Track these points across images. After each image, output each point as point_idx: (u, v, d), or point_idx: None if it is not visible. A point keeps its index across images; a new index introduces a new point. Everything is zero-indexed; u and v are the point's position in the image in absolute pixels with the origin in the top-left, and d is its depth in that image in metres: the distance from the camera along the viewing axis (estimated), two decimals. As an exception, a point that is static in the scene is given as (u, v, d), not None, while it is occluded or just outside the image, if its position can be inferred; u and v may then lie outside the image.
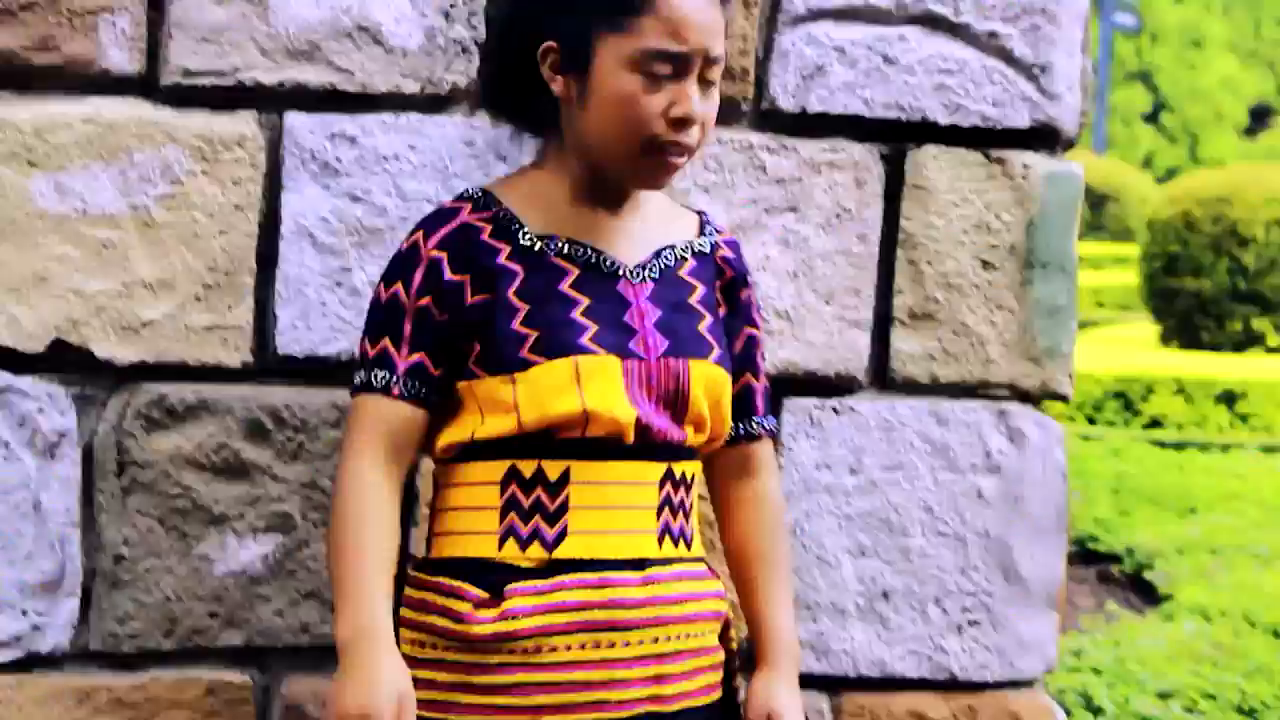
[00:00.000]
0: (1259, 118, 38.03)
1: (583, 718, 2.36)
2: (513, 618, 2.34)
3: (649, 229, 2.51)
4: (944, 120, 3.00)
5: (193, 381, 2.78)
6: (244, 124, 2.78)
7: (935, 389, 3.03)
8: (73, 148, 2.72)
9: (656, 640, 2.39)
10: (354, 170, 2.80)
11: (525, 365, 2.37)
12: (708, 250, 2.55)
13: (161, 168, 2.75)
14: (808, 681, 2.97)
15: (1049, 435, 3.07)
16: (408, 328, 2.41)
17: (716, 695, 2.51)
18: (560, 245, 2.43)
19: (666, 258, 2.50)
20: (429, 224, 2.45)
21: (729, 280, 2.57)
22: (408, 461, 2.47)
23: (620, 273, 2.45)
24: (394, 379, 2.41)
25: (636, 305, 2.44)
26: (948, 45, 3.00)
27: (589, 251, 2.44)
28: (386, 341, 2.42)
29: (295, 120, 2.79)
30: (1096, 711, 4.75)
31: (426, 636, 2.40)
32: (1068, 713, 4.60)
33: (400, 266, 2.43)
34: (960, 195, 3.02)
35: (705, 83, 2.38)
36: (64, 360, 2.74)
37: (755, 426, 2.61)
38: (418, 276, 2.41)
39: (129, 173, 2.74)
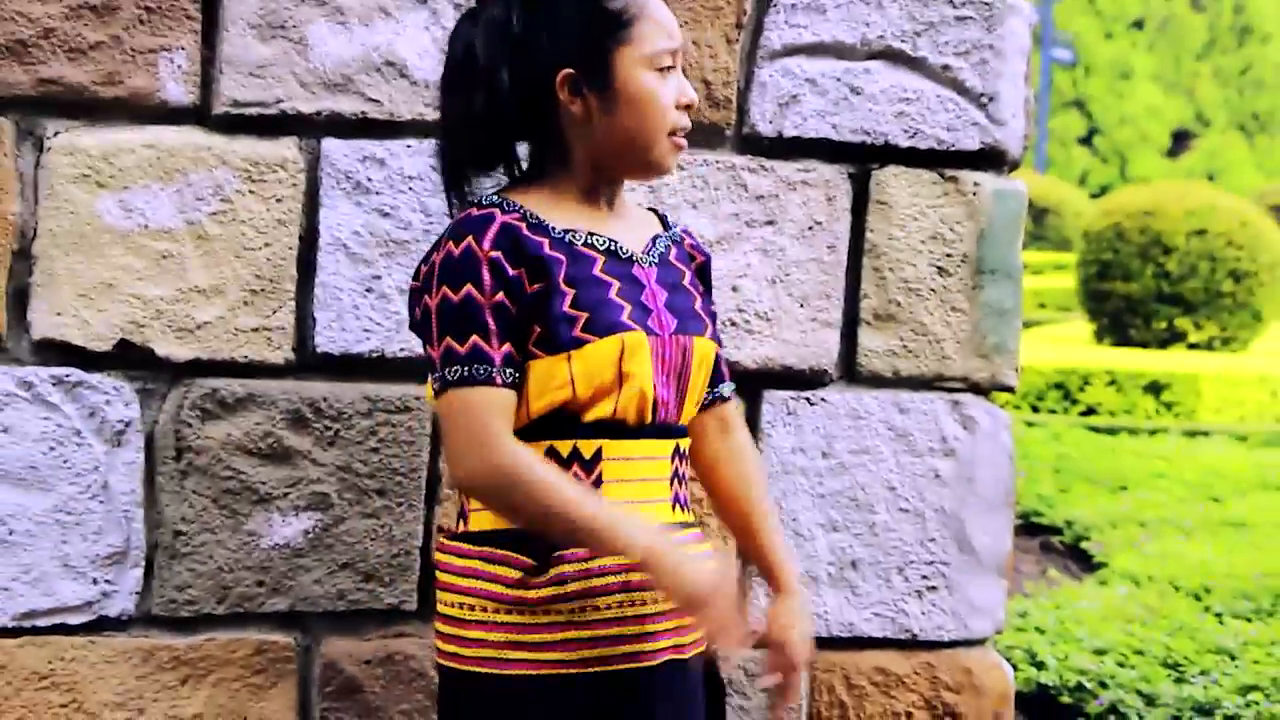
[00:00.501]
0: (1179, 140, 37.98)
1: (623, 668, 2.35)
2: (561, 582, 2.33)
3: (637, 224, 2.51)
4: (904, 143, 3.00)
5: (241, 377, 2.78)
6: (286, 149, 2.78)
7: (897, 382, 3.03)
8: (135, 170, 2.72)
9: None
10: (383, 189, 2.80)
11: (580, 344, 2.34)
12: (679, 239, 2.55)
13: (213, 187, 2.75)
14: (785, 640, 2.99)
15: (997, 422, 3.07)
16: (492, 322, 2.33)
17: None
18: (583, 236, 2.41)
19: (660, 245, 2.49)
20: (473, 229, 2.36)
21: (701, 264, 2.57)
22: None
23: (634, 258, 2.44)
24: (494, 369, 2.33)
25: (649, 287, 2.43)
26: (907, 77, 3.00)
27: (607, 240, 2.42)
28: (476, 338, 2.33)
29: (331, 145, 2.79)
30: (1040, 666, 4.75)
31: (476, 600, 2.36)
32: (1015, 668, 4.61)
33: (463, 269, 2.35)
34: (918, 210, 3.02)
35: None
36: (128, 358, 2.74)
37: (726, 389, 2.59)
38: (486, 275, 2.34)
39: (185, 192, 2.74)
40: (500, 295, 2.34)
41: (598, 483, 2.36)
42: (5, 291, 2.70)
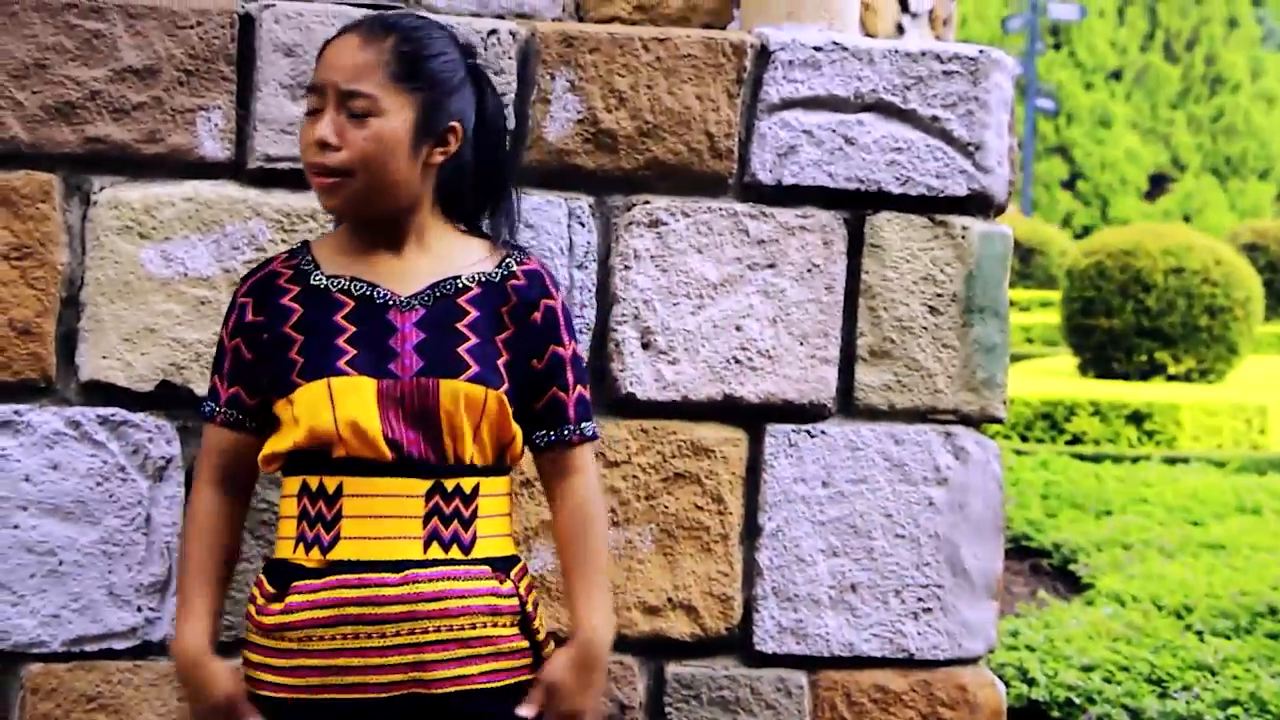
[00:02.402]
0: (1157, 184, 37.96)
1: (348, 696, 2.32)
2: (291, 611, 2.33)
3: (433, 264, 2.42)
4: (896, 190, 3.01)
5: (276, 415, 2.79)
6: (316, 201, 2.79)
7: (892, 415, 3.03)
8: (175, 222, 2.74)
9: (413, 632, 2.32)
10: (408, 238, 2.81)
11: (294, 387, 2.34)
12: (498, 280, 2.43)
13: (248, 238, 2.76)
14: (788, 662, 2.98)
15: (988, 452, 3.07)
16: (227, 364, 2.42)
17: (519, 679, 2.41)
18: (344, 283, 2.39)
19: (444, 288, 2.40)
20: (248, 274, 2.45)
21: (514, 305, 2.43)
22: (245, 479, 2.47)
23: (390, 302, 2.38)
24: (219, 409, 2.42)
25: (401, 331, 2.37)
26: (898, 128, 3.01)
27: (365, 286, 2.39)
28: (215, 378, 2.43)
29: (359, 197, 2.80)
30: (1031, 683, 4.73)
31: (247, 623, 2.40)
32: (1007, 685, 4.59)
33: (227, 312, 2.44)
34: (910, 252, 3.02)
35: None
36: (170, 398, 2.75)
37: (566, 433, 2.48)
38: (232, 320, 2.42)
39: (222, 242, 2.75)
40: (238, 340, 2.40)
41: (338, 517, 2.34)
42: (55, 336, 2.71)
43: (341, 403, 2.31)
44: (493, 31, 2.83)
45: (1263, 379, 14.19)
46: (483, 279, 2.42)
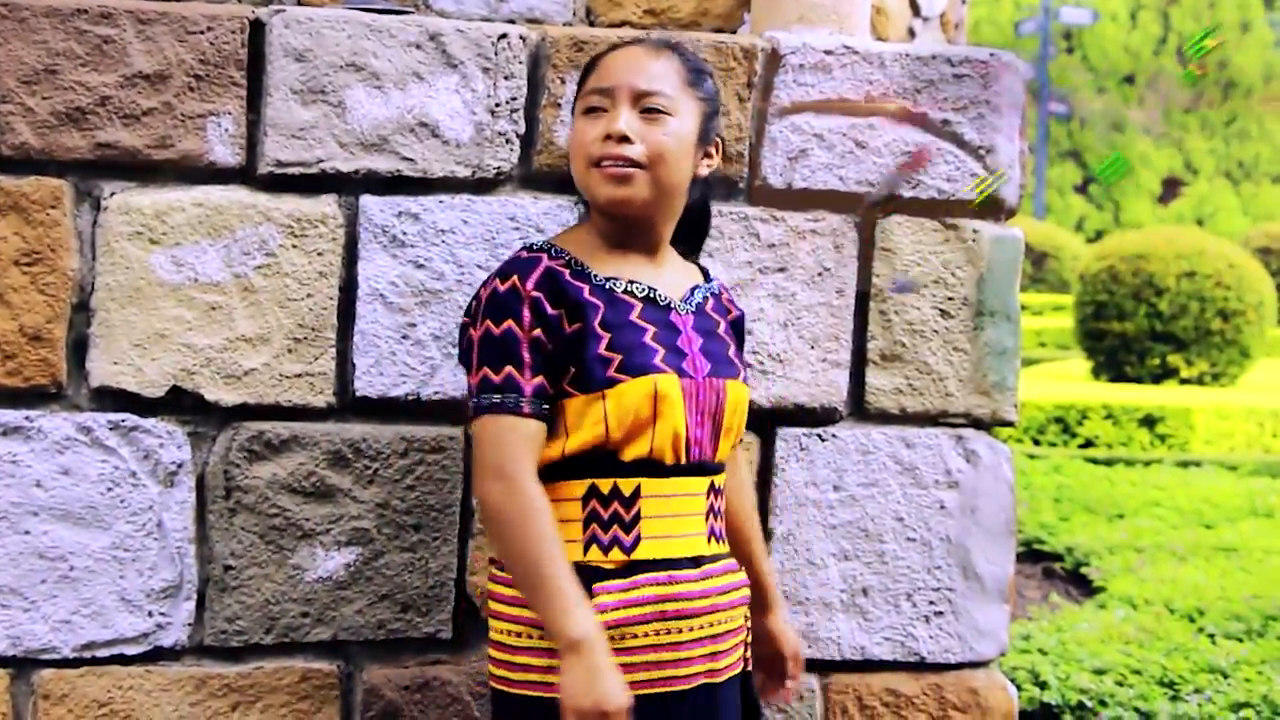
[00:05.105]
0: (1169, 188, 37.90)
1: (655, 690, 2.37)
2: (601, 611, 2.33)
3: (676, 274, 2.54)
4: (906, 193, 3.00)
5: (286, 420, 2.78)
6: (326, 205, 2.79)
7: (904, 418, 3.02)
8: (185, 227, 2.73)
9: (712, 624, 2.43)
10: (417, 242, 2.81)
11: (613, 383, 2.37)
12: (716, 292, 2.59)
13: (258, 243, 2.76)
14: (801, 663, 2.97)
15: (999, 455, 3.06)
16: (527, 355, 2.37)
17: (748, 664, 2.56)
18: (623, 283, 2.45)
19: (699, 294, 2.53)
20: (519, 270, 2.41)
21: (735, 318, 2.61)
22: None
23: (671, 305, 2.47)
24: (524, 399, 2.36)
25: (685, 333, 2.46)
26: (908, 131, 3.00)
27: (646, 288, 2.46)
28: (510, 369, 2.37)
29: (368, 201, 2.80)
30: (1043, 686, 4.71)
31: (523, 628, 2.38)
32: (1019, 688, 4.58)
33: (506, 306, 2.38)
34: (921, 256, 3.01)
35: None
36: (180, 403, 2.74)
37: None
38: (526, 312, 2.38)
39: (232, 247, 2.75)
40: (538, 331, 2.37)
41: (637, 518, 2.38)
42: (66, 342, 2.71)
43: (662, 400, 2.39)
44: (503, 36, 2.82)
45: (1275, 382, 14.16)
46: (711, 292, 2.57)
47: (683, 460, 2.42)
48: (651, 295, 2.46)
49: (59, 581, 2.70)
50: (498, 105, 2.83)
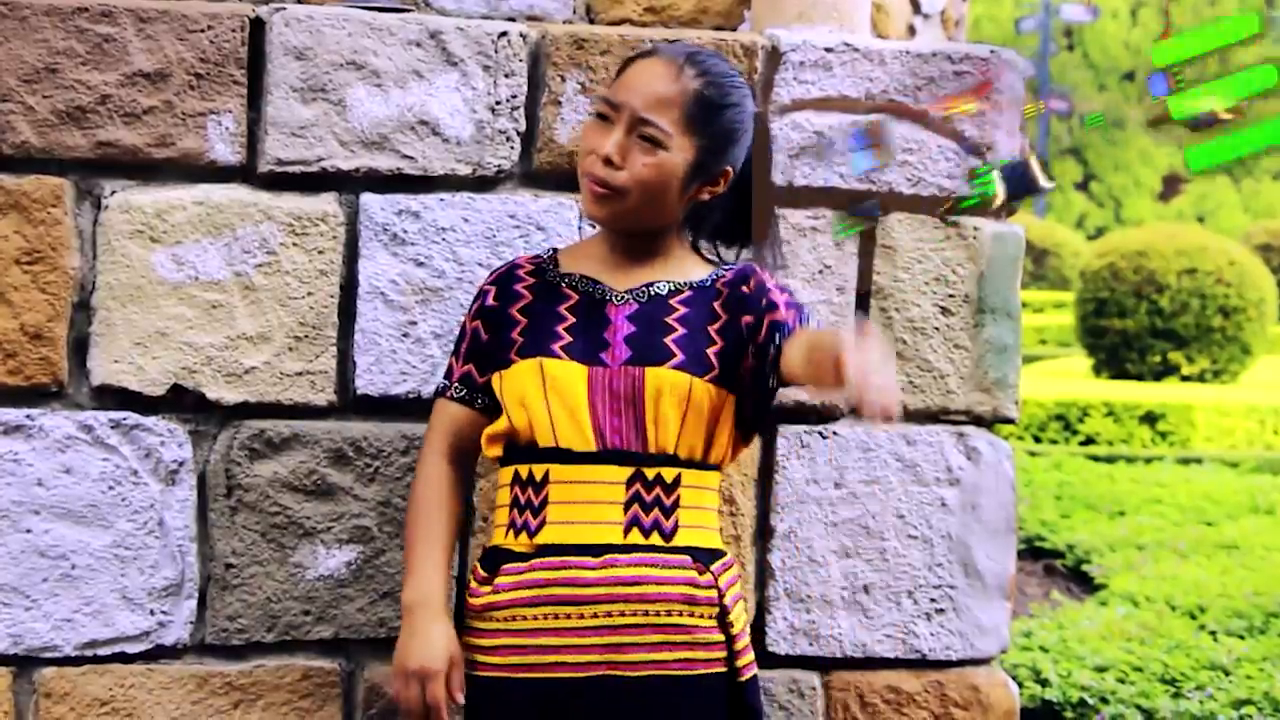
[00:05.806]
0: (1170, 185, 37.91)
1: (547, 675, 2.41)
2: (498, 592, 2.44)
3: (660, 272, 2.53)
4: (907, 191, 3.00)
5: (287, 418, 2.78)
6: (327, 204, 2.79)
7: (905, 415, 3.02)
8: (186, 226, 2.73)
9: (610, 615, 2.40)
10: (418, 240, 2.81)
11: (508, 364, 2.47)
12: (708, 284, 2.53)
13: (259, 241, 2.76)
14: (801, 663, 2.97)
15: (1000, 453, 3.05)
16: (464, 345, 2.55)
17: (714, 670, 2.45)
18: (574, 280, 2.52)
19: (658, 288, 2.52)
20: (497, 268, 2.61)
21: (725, 296, 2.50)
22: (469, 455, 2.56)
23: (609, 298, 2.50)
24: (451, 385, 2.55)
25: (615, 323, 2.48)
26: (909, 129, 3.00)
27: (589, 282, 2.52)
28: (452, 359, 2.56)
29: (369, 200, 2.80)
30: (1044, 684, 4.71)
31: (466, 610, 2.52)
32: (1020, 685, 4.58)
33: (472, 301, 2.59)
34: (922, 253, 3.01)
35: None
36: (181, 402, 2.74)
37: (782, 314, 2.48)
38: (475, 305, 2.56)
39: (233, 246, 2.75)
40: (477, 323, 2.54)
41: (544, 503, 2.43)
42: (67, 341, 2.71)
43: (552, 384, 2.43)
44: (503, 33, 2.83)
45: (1276, 379, 14.16)
46: (694, 285, 2.53)
47: (594, 448, 2.42)
48: (591, 290, 2.51)
49: (60, 580, 2.70)
50: (498, 103, 2.83)
